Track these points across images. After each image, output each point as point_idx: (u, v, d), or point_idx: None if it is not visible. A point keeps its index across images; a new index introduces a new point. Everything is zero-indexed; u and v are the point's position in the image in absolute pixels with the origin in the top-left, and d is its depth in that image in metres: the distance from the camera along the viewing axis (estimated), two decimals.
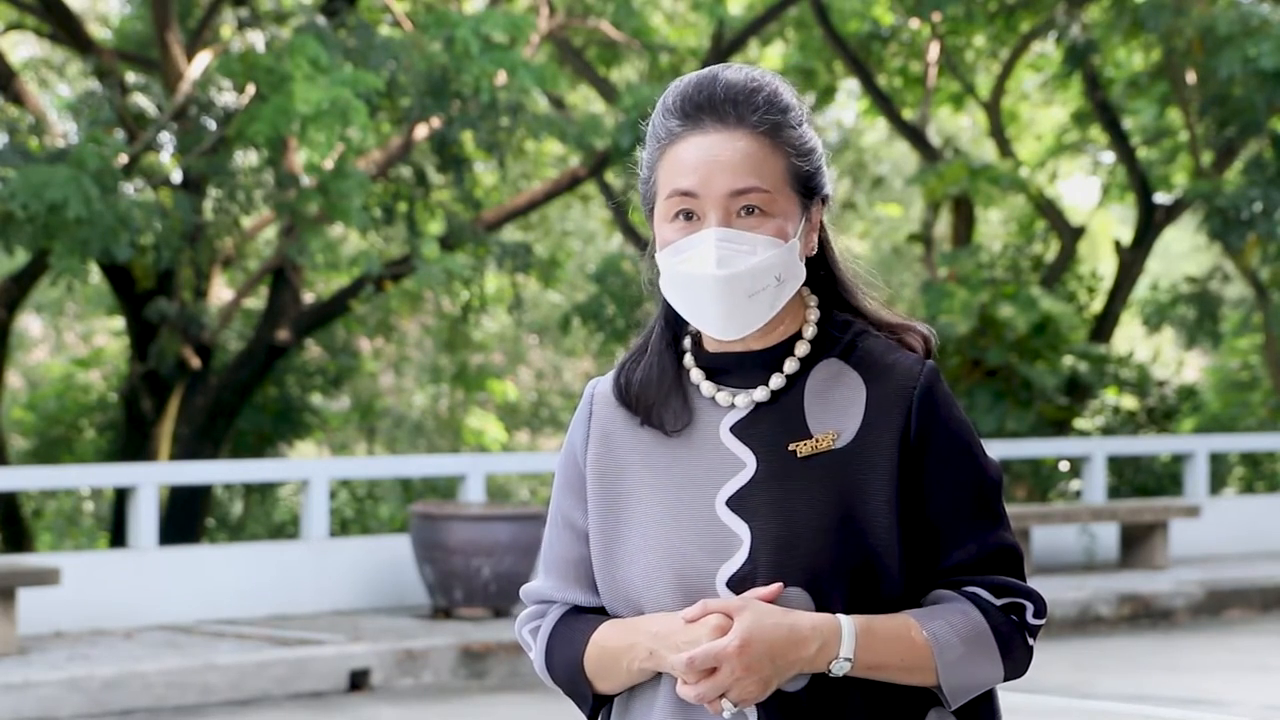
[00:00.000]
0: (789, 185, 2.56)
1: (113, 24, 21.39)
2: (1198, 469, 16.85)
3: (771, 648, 2.43)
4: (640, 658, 2.54)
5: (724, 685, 2.44)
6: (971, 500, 2.56)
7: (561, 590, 2.68)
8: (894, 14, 20.39)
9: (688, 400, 2.61)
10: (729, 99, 2.56)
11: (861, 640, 2.47)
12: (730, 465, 2.56)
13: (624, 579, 2.58)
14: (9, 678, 10.02)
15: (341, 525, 21.06)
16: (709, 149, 2.55)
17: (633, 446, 2.63)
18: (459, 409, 26.27)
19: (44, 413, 22.33)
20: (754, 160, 2.54)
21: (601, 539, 2.62)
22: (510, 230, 21.19)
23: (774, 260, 2.54)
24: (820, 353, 2.60)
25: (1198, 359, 29.11)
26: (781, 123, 2.57)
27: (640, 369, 2.65)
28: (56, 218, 13.29)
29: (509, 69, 14.90)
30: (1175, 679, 11.09)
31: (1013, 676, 2.57)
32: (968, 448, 2.57)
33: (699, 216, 2.55)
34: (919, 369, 2.57)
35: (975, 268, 18.72)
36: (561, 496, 2.68)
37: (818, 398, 2.58)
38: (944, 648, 2.49)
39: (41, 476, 15.78)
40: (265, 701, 10.53)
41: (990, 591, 2.54)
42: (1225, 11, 17.42)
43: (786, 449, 2.55)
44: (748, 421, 2.58)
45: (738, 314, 2.54)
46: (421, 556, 12.38)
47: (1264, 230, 18.00)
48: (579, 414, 2.69)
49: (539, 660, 2.67)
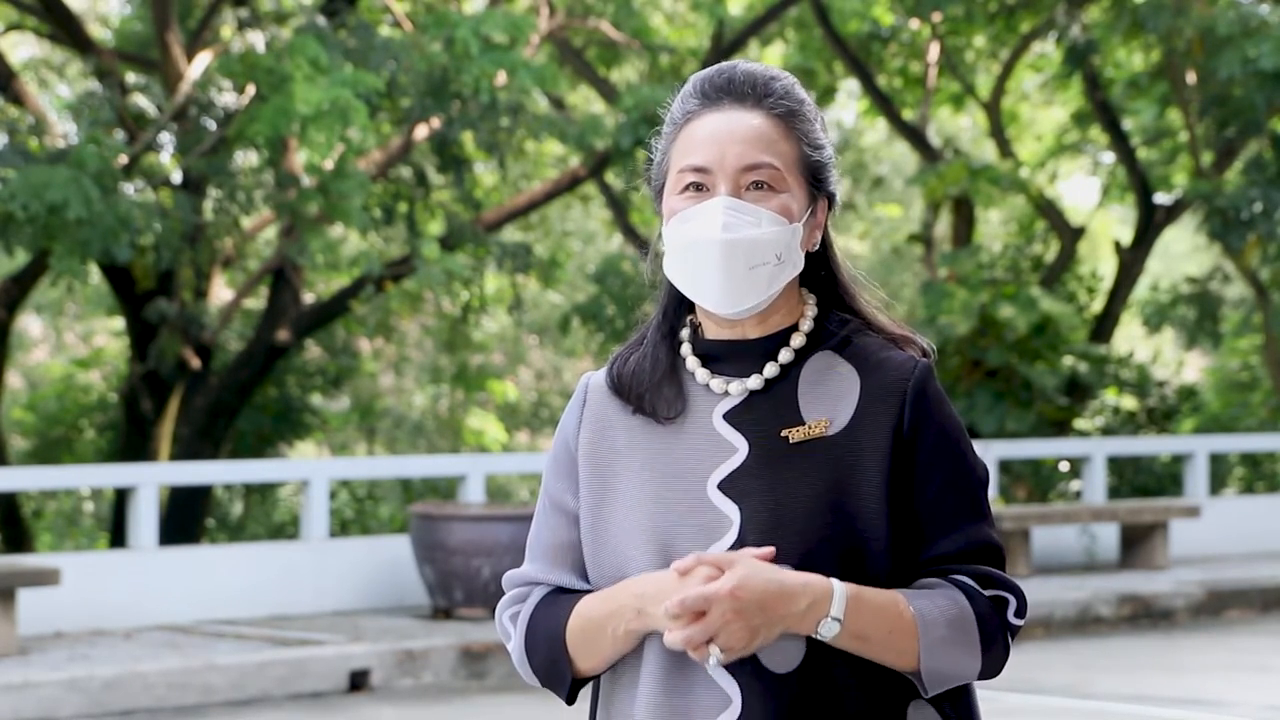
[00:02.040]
0: (798, 171, 2.63)
1: (113, 24, 21.40)
2: (1198, 469, 16.86)
3: (763, 596, 2.45)
4: (628, 619, 2.55)
5: (713, 628, 2.44)
6: (960, 495, 2.59)
7: (547, 573, 2.69)
8: (894, 14, 20.39)
9: (682, 389, 2.64)
10: (748, 82, 2.63)
11: (851, 604, 2.48)
12: (722, 450, 2.59)
13: (613, 558, 2.60)
14: (9, 678, 10.02)
15: (341, 525, 21.06)
16: (725, 123, 2.61)
17: (625, 433, 2.65)
18: (459, 409, 26.28)
19: (44, 413, 22.34)
20: (768, 139, 2.61)
21: (591, 520, 2.64)
22: (510, 230, 21.19)
23: (777, 237, 2.58)
24: (815, 345, 2.64)
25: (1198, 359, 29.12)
26: (797, 111, 2.64)
27: (634, 360, 2.69)
28: (57, 218, 13.29)
29: (509, 69, 14.90)
30: (1175, 679, 11.09)
31: (988, 674, 2.58)
32: (957, 445, 2.60)
33: (709, 189, 2.60)
34: (913, 365, 2.61)
35: (975, 268, 18.72)
36: (552, 481, 2.70)
37: (811, 387, 2.61)
38: (929, 625, 2.51)
39: (41, 476, 15.78)
40: (265, 702, 10.53)
41: (977, 581, 2.56)
42: (1225, 12, 17.43)
43: (779, 435, 2.58)
44: (741, 408, 2.61)
45: (736, 285, 2.57)
46: (421, 557, 12.38)
47: (1264, 230, 18.01)
48: (572, 402, 2.72)
49: (518, 643, 2.66)
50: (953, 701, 2.61)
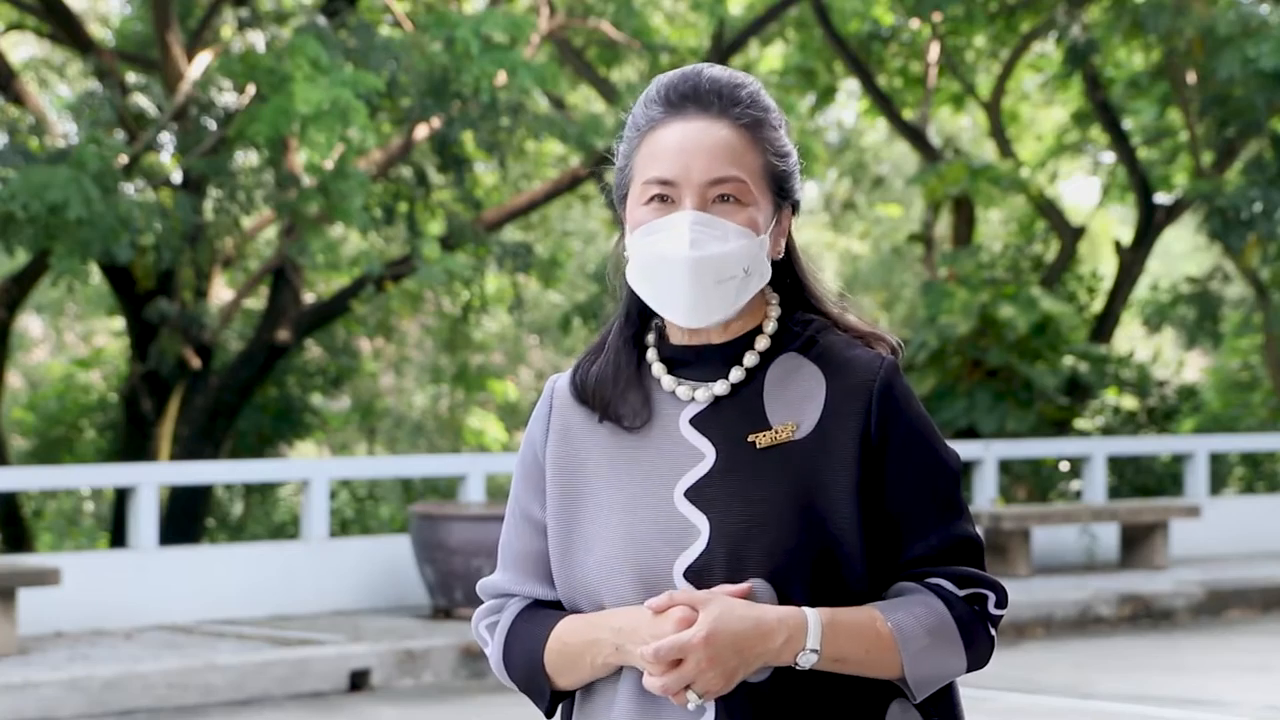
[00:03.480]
0: (764, 182, 2.59)
1: (113, 24, 21.39)
2: (1198, 469, 16.85)
3: (737, 639, 2.44)
4: (605, 653, 2.54)
5: (689, 676, 2.44)
6: (931, 493, 2.57)
7: (519, 584, 2.68)
8: (894, 14, 20.39)
9: (647, 396, 2.62)
10: (714, 90, 2.59)
11: (827, 632, 2.47)
12: (689, 457, 2.57)
13: (581, 570, 2.59)
14: (9, 678, 10.01)
15: (342, 525, 21.06)
16: (691, 134, 2.57)
17: (591, 442, 2.63)
18: (459, 409, 26.28)
19: (44, 413, 22.34)
20: (734, 151, 2.57)
21: (559, 531, 2.62)
22: (510, 230, 21.18)
23: (744, 250, 2.56)
24: (780, 347, 2.62)
25: (1198, 359, 29.11)
26: (763, 120, 2.60)
27: (597, 366, 2.66)
28: (57, 218, 13.29)
29: (509, 69, 14.90)
30: (1176, 679, 11.09)
31: (975, 667, 2.58)
32: (927, 441, 2.58)
33: (674, 201, 2.57)
34: (879, 364, 2.59)
35: (975, 268, 18.72)
36: (520, 490, 2.69)
37: (777, 390, 2.59)
38: (908, 639, 2.50)
39: (41, 476, 15.78)
40: (265, 702, 10.53)
41: (953, 582, 2.55)
42: (1225, 12, 17.43)
43: (745, 440, 2.56)
44: (707, 414, 2.59)
45: (704, 300, 2.55)
46: (422, 556, 12.38)
47: (1264, 230, 18.01)
48: (539, 409, 2.70)
49: (496, 657, 2.68)
50: (933, 698, 2.60)
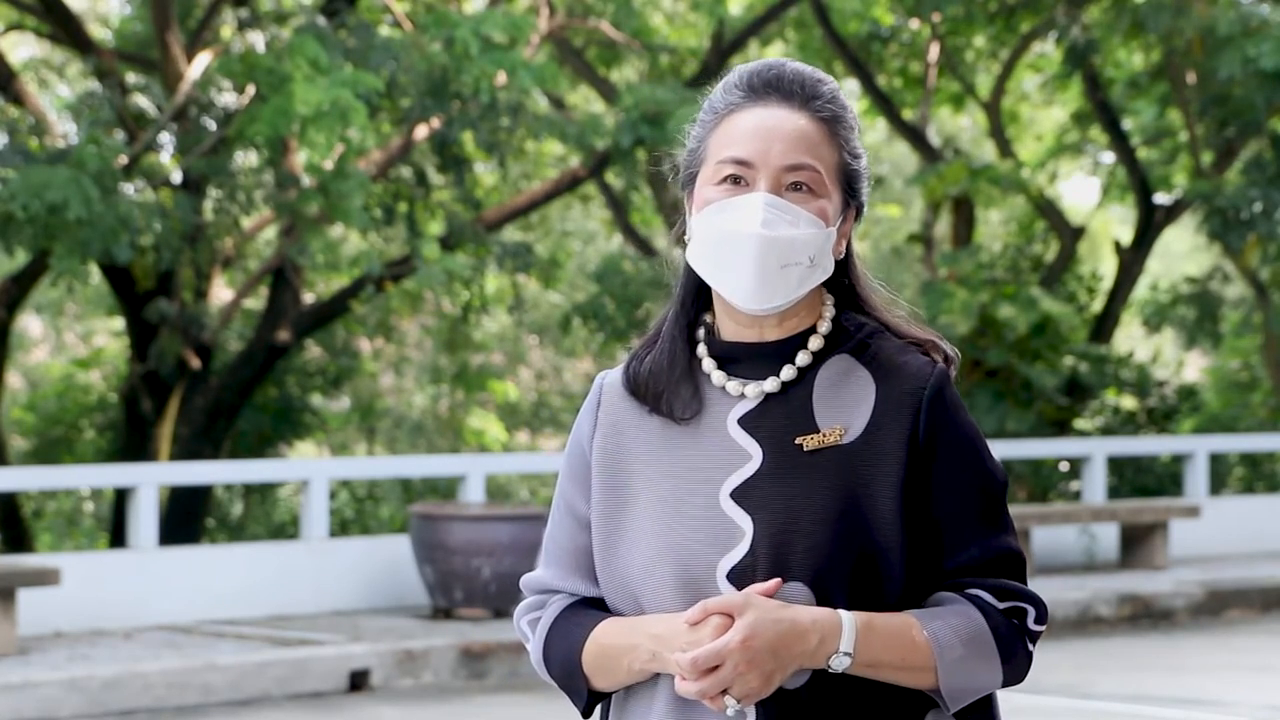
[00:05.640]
0: (836, 177, 2.60)
1: (113, 24, 21.38)
2: (1198, 469, 16.85)
3: (773, 642, 2.43)
4: (643, 659, 2.54)
5: (726, 681, 2.44)
6: (977, 504, 2.57)
7: (563, 580, 2.67)
8: (894, 14, 20.39)
9: (698, 389, 2.61)
10: (797, 81, 2.61)
11: (861, 636, 2.46)
12: (736, 457, 2.56)
13: (624, 567, 2.58)
14: (9, 678, 10.01)
15: (341, 525, 21.06)
16: (771, 120, 2.59)
17: (640, 436, 2.63)
18: (459, 409, 26.27)
19: (44, 413, 22.33)
20: (812, 141, 2.58)
21: (603, 527, 2.61)
22: (510, 230, 21.18)
23: (812, 239, 2.56)
24: (832, 348, 2.61)
25: (1198, 359, 29.10)
26: (841, 117, 2.62)
27: (651, 357, 2.65)
28: (57, 218, 13.29)
29: (509, 69, 14.90)
30: (1175, 679, 11.09)
31: (1012, 682, 2.57)
32: (976, 451, 2.59)
33: (748, 183, 2.57)
34: (930, 370, 2.58)
35: (975, 268, 18.71)
36: (566, 484, 2.68)
37: (827, 392, 2.58)
38: (944, 648, 2.49)
39: (41, 476, 15.78)
40: (265, 702, 10.53)
41: (993, 594, 2.54)
42: (1225, 12, 17.42)
43: (793, 443, 2.55)
44: (756, 413, 2.58)
45: (767, 282, 2.55)
46: (421, 557, 12.38)
47: (1264, 230, 18.01)
48: (588, 403, 2.69)
49: (536, 652, 2.67)
50: (971, 709, 2.60)
